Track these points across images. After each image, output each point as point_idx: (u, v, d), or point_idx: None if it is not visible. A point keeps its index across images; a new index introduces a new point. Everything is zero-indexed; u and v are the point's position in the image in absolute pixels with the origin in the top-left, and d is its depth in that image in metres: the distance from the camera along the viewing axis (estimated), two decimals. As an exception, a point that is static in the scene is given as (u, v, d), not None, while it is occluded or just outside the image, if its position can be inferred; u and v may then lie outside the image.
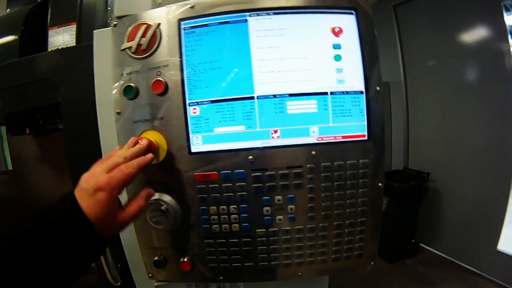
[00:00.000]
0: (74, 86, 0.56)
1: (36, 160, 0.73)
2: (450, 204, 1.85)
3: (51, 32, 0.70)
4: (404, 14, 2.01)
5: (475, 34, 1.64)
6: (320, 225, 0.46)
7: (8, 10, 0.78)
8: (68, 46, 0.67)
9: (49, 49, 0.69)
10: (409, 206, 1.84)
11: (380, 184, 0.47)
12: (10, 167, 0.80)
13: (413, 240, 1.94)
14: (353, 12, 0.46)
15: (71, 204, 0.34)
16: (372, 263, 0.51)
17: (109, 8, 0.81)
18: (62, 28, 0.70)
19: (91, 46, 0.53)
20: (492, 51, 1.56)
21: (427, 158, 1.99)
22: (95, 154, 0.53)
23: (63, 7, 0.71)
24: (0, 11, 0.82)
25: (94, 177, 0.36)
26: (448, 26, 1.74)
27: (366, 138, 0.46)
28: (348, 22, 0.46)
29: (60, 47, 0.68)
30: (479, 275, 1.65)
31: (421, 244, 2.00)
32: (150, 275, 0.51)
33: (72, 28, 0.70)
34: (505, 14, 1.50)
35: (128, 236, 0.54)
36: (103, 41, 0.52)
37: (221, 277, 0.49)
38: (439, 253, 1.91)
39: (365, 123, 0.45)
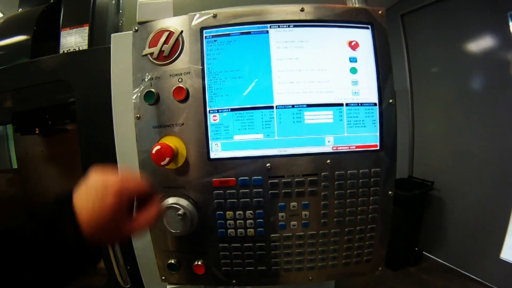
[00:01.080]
0: (90, 88, 0.57)
1: (43, 160, 0.72)
2: (454, 213, 1.86)
3: (63, 33, 0.71)
4: (411, 23, 2.04)
5: (480, 43, 1.66)
6: (332, 231, 0.48)
7: (20, 9, 0.78)
8: (80, 47, 0.68)
9: (61, 50, 0.69)
10: (413, 214, 1.84)
11: (390, 193, 0.49)
12: (15, 166, 0.79)
13: (416, 248, 1.95)
14: (369, 26, 0.48)
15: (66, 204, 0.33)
16: (380, 268, 0.53)
17: (120, 11, 0.81)
18: (74, 30, 0.70)
19: (108, 49, 0.54)
20: (497, 60, 1.58)
21: (432, 167, 2.00)
22: (108, 156, 0.54)
23: (75, 8, 0.71)
24: (12, 11, 0.81)
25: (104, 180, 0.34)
26: (454, 35, 1.76)
27: (378, 148, 0.47)
28: (364, 36, 0.48)
29: (72, 49, 0.69)
30: (481, 284, 1.66)
31: (424, 252, 2.01)
32: (163, 277, 0.51)
33: (85, 30, 0.70)
34: (510, 24, 1.52)
35: (139, 239, 0.55)
36: (120, 45, 0.52)
37: (234, 281, 0.50)
38: (442, 262, 1.92)
39: (378, 133, 0.47)
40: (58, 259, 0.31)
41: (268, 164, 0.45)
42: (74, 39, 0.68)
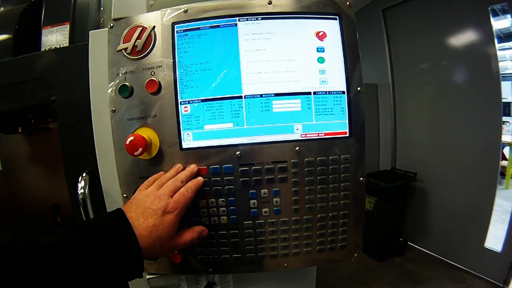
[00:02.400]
0: (69, 85, 0.58)
1: (27, 159, 0.74)
2: (438, 203, 1.90)
3: (44, 31, 0.72)
4: (393, 17, 2.07)
5: (463, 38, 1.69)
6: (304, 217, 0.49)
7: (2, 8, 0.80)
8: (61, 45, 0.69)
9: (43, 48, 0.71)
10: (396, 205, 1.87)
11: (361, 179, 0.50)
12: (0, 168, 0.80)
13: (401, 239, 1.98)
14: (336, 17, 0.49)
15: (121, 219, 0.36)
16: (356, 254, 0.53)
17: (101, 8, 0.83)
18: (55, 28, 0.72)
19: (86, 46, 0.56)
20: (480, 54, 1.61)
21: (415, 158, 2.04)
22: (89, 151, 0.56)
23: (57, 6, 0.73)
24: None
25: (161, 200, 0.38)
26: (436, 29, 1.80)
27: (347, 135, 0.48)
28: (331, 27, 0.49)
29: (53, 47, 0.70)
30: (466, 272, 1.69)
31: (409, 243, 2.04)
32: (142, 267, 0.53)
33: (66, 27, 0.72)
34: (492, 18, 1.55)
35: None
36: (98, 41, 0.54)
37: (210, 269, 0.51)
38: (427, 251, 1.95)
39: (347, 121, 0.48)
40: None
41: (238, 153, 0.46)
42: (55, 37, 0.70)
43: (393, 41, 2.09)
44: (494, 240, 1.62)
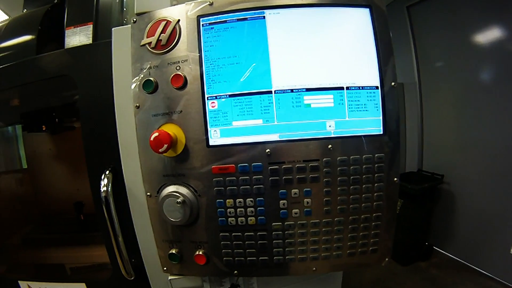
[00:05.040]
0: (92, 82, 0.57)
1: (51, 158, 0.73)
2: (464, 207, 1.82)
3: (67, 32, 0.72)
4: (418, 14, 2.00)
5: (489, 35, 1.61)
6: (336, 219, 0.47)
7: (25, 10, 0.80)
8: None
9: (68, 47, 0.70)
10: (422, 208, 1.81)
11: (395, 179, 0.47)
12: (25, 166, 0.80)
13: (426, 243, 1.91)
14: (367, 8, 0.47)
15: None
16: (387, 259, 0.51)
17: (124, 9, 0.82)
18: (78, 28, 0.72)
19: (109, 44, 0.54)
20: (508, 51, 1.53)
21: (442, 160, 1.96)
22: (112, 149, 0.54)
23: (79, 7, 0.73)
24: (17, 12, 0.84)
25: None
26: (461, 26, 1.72)
27: (381, 132, 0.46)
28: (363, 18, 0.46)
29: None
30: (492, 279, 1.62)
31: (434, 247, 1.96)
32: (164, 268, 0.51)
33: (89, 28, 0.71)
34: None
35: (143, 231, 0.55)
36: (121, 38, 0.53)
37: (236, 271, 0.49)
38: (452, 256, 1.88)
39: (381, 117, 0.46)
40: None
41: (267, 150, 0.44)
42: (78, 38, 0.69)
43: (419, 39, 2.02)
44: (522, 247, 1.55)
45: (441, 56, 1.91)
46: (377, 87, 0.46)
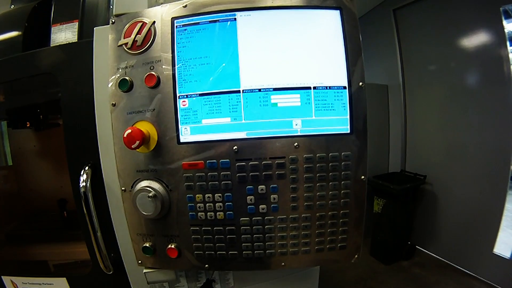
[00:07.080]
0: (74, 80, 0.59)
1: (36, 155, 0.75)
2: (447, 207, 1.84)
3: (54, 29, 0.74)
4: (404, 17, 2.04)
5: (474, 39, 1.65)
6: (303, 215, 0.48)
7: (12, 6, 0.81)
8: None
9: (52, 46, 0.72)
10: (405, 208, 1.84)
11: (362, 177, 0.49)
12: (10, 163, 0.82)
13: (409, 242, 1.94)
14: (337, 9, 0.48)
15: None
16: (356, 256, 0.52)
17: (111, 6, 0.84)
18: (64, 25, 0.74)
19: (91, 43, 0.56)
20: (491, 56, 1.57)
21: (425, 161, 1.99)
22: (92, 145, 0.56)
23: (66, 4, 0.74)
24: (4, 8, 0.85)
25: None
26: (447, 30, 1.75)
27: (349, 131, 0.47)
28: (332, 19, 0.48)
29: (62, 44, 0.71)
30: (474, 278, 1.64)
31: (417, 246, 1.99)
32: (139, 261, 0.52)
33: (75, 25, 0.73)
34: (504, 20, 1.51)
35: (121, 226, 0.56)
36: (102, 38, 0.55)
37: (207, 265, 0.50)
38: (435, 256, 1.90)
39: (348, 117, 0.47)
40: None
41: (235, 147, 0.46)
42: (64, 35, 0.71)
43: (404, 41, 2.05)
44: (503, 246, 1.56)
45: (426, 59, 1.94)
46: (344, 87, 0.47)
